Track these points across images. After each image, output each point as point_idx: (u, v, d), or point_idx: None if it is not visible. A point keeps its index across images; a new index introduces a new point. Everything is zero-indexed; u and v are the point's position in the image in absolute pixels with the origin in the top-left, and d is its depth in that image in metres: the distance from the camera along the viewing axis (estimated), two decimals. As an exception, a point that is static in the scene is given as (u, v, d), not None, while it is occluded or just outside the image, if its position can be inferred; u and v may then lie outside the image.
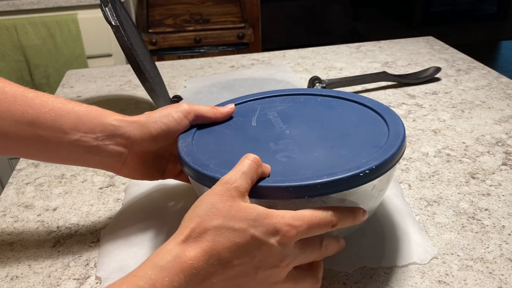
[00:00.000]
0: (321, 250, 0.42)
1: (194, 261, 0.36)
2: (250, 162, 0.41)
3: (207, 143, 0.49)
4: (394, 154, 0.44)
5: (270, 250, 0.38)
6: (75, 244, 0.54)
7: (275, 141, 0.48)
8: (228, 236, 0.37)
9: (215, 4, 1.94)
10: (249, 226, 0.37)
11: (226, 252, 0.36)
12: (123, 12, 0.76)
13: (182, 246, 0.36)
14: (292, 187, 0.40)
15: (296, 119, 0.53)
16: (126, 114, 0.51)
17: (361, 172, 0.41)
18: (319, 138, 0.48)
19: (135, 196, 0.61)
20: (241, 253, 0.37)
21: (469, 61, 1.04)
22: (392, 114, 0.51)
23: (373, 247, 0.51)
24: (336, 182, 0.40)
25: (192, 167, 0.45)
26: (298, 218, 0.39)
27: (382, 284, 0.46)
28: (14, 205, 0.61)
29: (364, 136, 0.48)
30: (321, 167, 0.43)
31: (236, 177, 0.39)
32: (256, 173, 0.41)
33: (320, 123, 0.52)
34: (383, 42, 1.19)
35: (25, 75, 1.52)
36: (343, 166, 0.42)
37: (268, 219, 0.38)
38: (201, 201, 0.39)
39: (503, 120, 0.78)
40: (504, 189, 0.60)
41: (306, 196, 0.40)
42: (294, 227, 0.38)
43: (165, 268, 0.35)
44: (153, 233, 0.54)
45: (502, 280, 0.46)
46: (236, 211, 0.38)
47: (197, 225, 0.37)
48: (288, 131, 0.50)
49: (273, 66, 1.05)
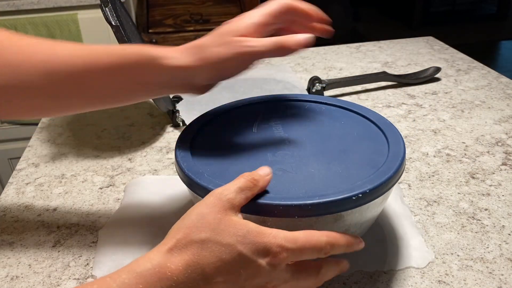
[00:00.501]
0: (317, 277, 0.40)
1: (174, 273, 0.34)
2: (246, 180, 0.39)
3: (205, 148, 0.49)
4: (390, 177, 0.43)
5: (257, 270, 0.36)
6: (75, 244, 0.54)
7: (273, 152, 0.48)
8: (214, 251, 0.35)
9: (215, 4, 1.94)
10: (237, 242, 0.35)
11: (210, 268, 0.35)
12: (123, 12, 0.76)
13: (165, 256, 0.35)
14: (282, 206, 0.39)
15: (297, 128, 0.52)
16: (126, 113, 0.51)
17: (353, 196, 0.40)
18: (317, 152, 0.48)
19: (134, 196, 0.61)
20: (226, 270, 0.35)
21: (469, 61, 1.04)
22: (395, 132, 0.50)
23: (370, 251, 0.50)
24: (327, 204, 0.40)
25: (186, 174, 0.44)
26: (291, 240, 0.37)
27: (382, 284, 0.46)
28: (14, 205, 0.61)
29: (363, 154, 0.47)
30: (314, 185, 0.42)
31: (231, 190, 0.38)
32: (252, 192, 0.39)
33: (321, 136, 0.51)
34: (383, 42, 1.19)
35: (25, 75, 1.52)
36: (337, 187, 0.41)
37: (259, 237, 0.36)
38: (191, 211, 0.38)
39: (503, 120, 0.78)
40: (504, 189, 0.60)
41: (296, 216, 0.40)
42: (285, 249, 0.36)
43: (142, 275, 0.34)
44: (151, 233, 0.54)
45: (502, 280, 0.46)
46: (226, 225, 0.36)
47: (183, 236, 0.36)
48: (287, 142, 0.50)
49: (273, 66, 1.05)
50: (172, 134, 0.78)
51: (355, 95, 0.90)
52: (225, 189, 0.39)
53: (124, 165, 0.69)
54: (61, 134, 0.79)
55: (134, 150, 0.73)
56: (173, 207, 0.59)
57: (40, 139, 0.78)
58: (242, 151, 0.48)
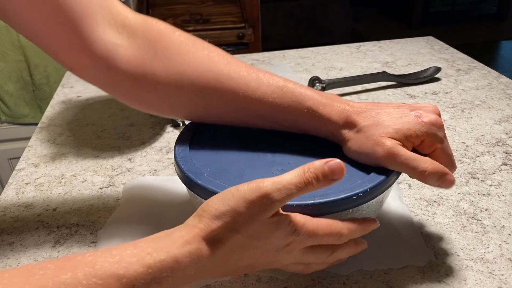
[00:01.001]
0: (331, 256, 0.42)
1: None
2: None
3: (204, 148, 0.49)
4: (389, 176, 0.43)
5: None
6: (75, 244, 0.54)
7: (273, 152, 0.48)
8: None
9: (215, 4, 1.94)
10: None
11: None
12: (123, 12, 0.76)
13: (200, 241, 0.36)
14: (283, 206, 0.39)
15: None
16: (125, 113, 0.51)
17: (354, 195, 0.40)
18: (318, 153, 0.47)
19: (134, 196, 0.61)
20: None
21: (469, 61, 1.04)
22: None
23: (369, 250, 0.50)
24: (328, 204, 0.40)
25: (185, 174, 0.44)
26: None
27: (382, 284, 0.46)
28: (14, 205, 0.61)
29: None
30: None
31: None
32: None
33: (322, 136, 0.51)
34: (383, 42, 1.19)
35: (25, 75, 1.52)
36: (337, 187, 0.41)
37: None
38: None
39: (503, 120, 0.78)
40: (504, 189, 0.60)
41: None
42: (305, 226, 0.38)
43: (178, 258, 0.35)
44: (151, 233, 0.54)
45: (502, 280, 0.46)
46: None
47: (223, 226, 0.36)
48: (288, 143, 0.49)
49: (273, 66, 1.05)
50: (172, 134, 0.78)
51: (355, 95, 0.90)
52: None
53: (124, 165, 0.69)
54: (61, 134, 0.79)
55: (134, 150, 0.73)
56: (173, 207, 0.58)
57: (40, 139, 0.78)
58: (241, 151, 0.48)
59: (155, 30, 0.48)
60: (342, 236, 0.40)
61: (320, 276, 0.47)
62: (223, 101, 0.47)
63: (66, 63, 0.47)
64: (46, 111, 0.88)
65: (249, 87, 0.46)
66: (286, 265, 0.41)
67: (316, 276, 0.47)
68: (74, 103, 0.90)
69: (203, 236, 0.36)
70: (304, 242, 0.39)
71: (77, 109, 0.88)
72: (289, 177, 0.36)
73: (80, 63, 0.46)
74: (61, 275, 0.31)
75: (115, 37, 0.46)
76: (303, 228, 0.38)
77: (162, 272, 0.34)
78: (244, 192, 0.36)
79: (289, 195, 0.36)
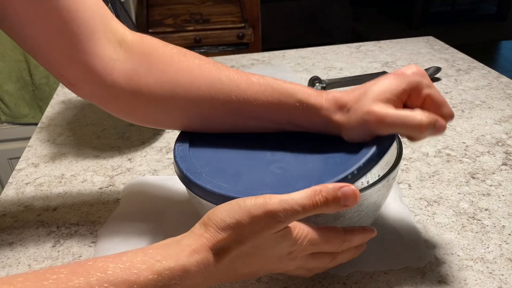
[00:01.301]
0: (333, 259, 0.42)
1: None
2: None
3: (204, 148, 0.49)
4: (380, 152, 0.43)
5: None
6: (75, 244, 0.54)
7: (272, 151, 0.48)
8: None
9: (215, 4, 1.94)
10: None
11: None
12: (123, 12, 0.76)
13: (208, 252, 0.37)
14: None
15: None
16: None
17: (349, 174, 0.41)
18: (316, 149, 0.47)
19: (133, 196, 0.61)
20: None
21: (469, 61, 1.04)
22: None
23: (368, 251, 0.50)
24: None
25: (184, 174, 0.44)
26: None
27: (382, 284, 0.46)
28: (14, 205, 0.61)
29: (360, 145, 0.46)
30: (313, 177, 0.42)
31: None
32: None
33: (319, 133, 0.50)
34: (383, 42, 1.19)
35: (25, 75, 1.52)
36: (333, 173, 0.41)
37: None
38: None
39: (503, 120, 0.78)
40: (504, 189, 0.60)
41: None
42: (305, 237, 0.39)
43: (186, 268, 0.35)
44: (150, 233, 0.54)
45: (502, 280, 0.46)
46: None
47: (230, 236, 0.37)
48: (287, 141, 0.49)
49: (273, 66, 1.05)
50: (171, 134, 0.78)
51: (355, 95, 0.90)
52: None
53: (124, 165, 0.69)
54: (61, 134, 0.79)
55: (134, 150, 0.73)
56: (173, 207, 0.58)
57: (40, 139, 0.78)
58: (241, 150, 0.48)
59: (149, 45, 0.49)
60: (343, 245, 0.41)
61: (320, 276, 0.47)
62: (217, 105, 0.48)
63: (66, 77, 0.48)
64: (46, 111, 0.88)
65: (241, 88, 0.47)
66: (288, 270, 0.42)
67: (316, 276, 0.47)
68: (74, 103, 0.90)
69: (210, 246, 0.36)
70: (307, 250, 0.40)
71: (77, 109, 0.88)
72: (297, 197, 0.37)
73: (80, 77, 0.47)
74: (74, 279, 0.32)
75: (113, 52, 0.47)
76: (306, 238, 0.39)
77: (171, 280, 0.34)
78: (250, 206, 0.36)
79: (295, 216, 0.37)
